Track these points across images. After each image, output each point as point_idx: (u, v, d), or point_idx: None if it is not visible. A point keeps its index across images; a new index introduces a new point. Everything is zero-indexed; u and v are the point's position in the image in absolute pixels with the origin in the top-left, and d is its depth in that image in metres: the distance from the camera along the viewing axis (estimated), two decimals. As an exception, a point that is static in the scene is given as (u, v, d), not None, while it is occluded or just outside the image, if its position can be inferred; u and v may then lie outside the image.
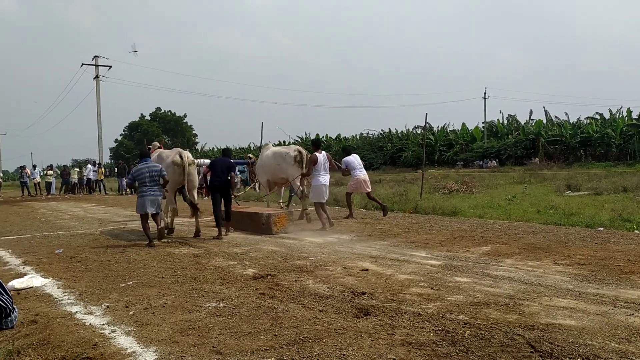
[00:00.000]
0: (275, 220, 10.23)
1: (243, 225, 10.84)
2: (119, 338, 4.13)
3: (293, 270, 6.48)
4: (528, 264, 6.51)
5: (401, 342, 3.83)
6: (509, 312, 4.47)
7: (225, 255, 7.72)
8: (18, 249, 9.02)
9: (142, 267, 6.99)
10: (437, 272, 6.17)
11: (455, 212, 12.48)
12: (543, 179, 23.31)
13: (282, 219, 10.41)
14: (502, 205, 13.32)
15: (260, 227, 10.36)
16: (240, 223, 10.84)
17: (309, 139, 62.69)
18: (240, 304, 4.98)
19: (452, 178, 24.68)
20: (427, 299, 4.96)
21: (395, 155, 50.72)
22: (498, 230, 9.42)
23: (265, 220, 10.30)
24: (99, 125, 37.11)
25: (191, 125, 79.42)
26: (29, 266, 7.39)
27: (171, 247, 8.63)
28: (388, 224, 10.81)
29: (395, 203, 14.68)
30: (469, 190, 18.39)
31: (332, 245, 8.39)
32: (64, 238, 10.33)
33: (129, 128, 76.73)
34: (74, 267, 7.21)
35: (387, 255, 7.31)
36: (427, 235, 9.18)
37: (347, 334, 4.03)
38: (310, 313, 4.61)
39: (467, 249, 7.72)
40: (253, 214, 10.87)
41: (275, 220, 10.24)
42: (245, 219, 10.94)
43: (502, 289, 5.30)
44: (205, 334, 4.12)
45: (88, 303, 5.24)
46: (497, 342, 3.75)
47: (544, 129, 43.40)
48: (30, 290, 5.94)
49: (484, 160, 44.09)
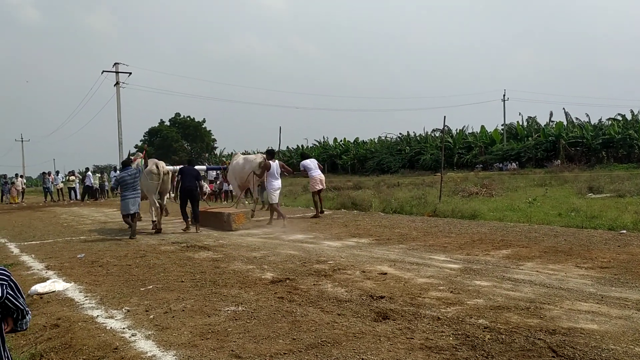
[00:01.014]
0: (234, 218, 11.78)
1: (209, 223, 12.36)
2: (139, 342, 4.17)
3: (311, 274, 6.48)
4: (549, 268, 6.43)
5: (420, 346, 3.80)
6: (530, 316, 4.41)
7: (244, 259, 7.75)
8: (41, 254, 9.16)
9: (162, 271, 7.05)
10: (457, 275, 6.12)
11: (474, 215, 12.38)
12: (564, 182, 23.02)
13: (240, 218, 11.98)
14: (522, 208, 13.17)
15: (222, 224, 11.92)
16: (207, 221, 12.35)
17: (327, 142, 62.84)
18: (259, 307, 4.99)
19: (472, 181, 24.51)
20: (447, 303, 4.92)
21: (413, 158, 50.57)
22: (518, 234, 9.32)
23: (226, 219, 11.87)
24: (119, 131, 37.52)
25: (210, 130, 79.96)
26: (52, 271, 7.50)
27: (190, 251, 8.69)
28: (407, 228, 10.76)
29: (413, 206, 14.61)
30: (489, 193, 18.23)
31: (350, 249, 8.37)
32: (86, 243, 10.47)
33: (149, 133, 77.50)
34: (95, 271, 7.29)
35: (405, 259, 7.27)
36: (446, 238, 9.12)
37: (366, 338, 4.02)
38: (329, 317, 4.60)
39: (487, 252, 7.65)
40: (217, 213, 12.54)
41: (234, 218, 11.80)
42: (211, 218, 12.54)
43: (523, 292, 5.24)
44: (224, 338, 4.14)
45: (109, 307, 5.30)
46: (518, 347, 3.71)
47: (565, 130, 42.92)
48: (52, 294, 6.03)
49: (503, 162, 43.72)
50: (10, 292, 2.22)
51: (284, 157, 59.79)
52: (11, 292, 2.22)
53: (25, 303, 2.31)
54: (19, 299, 2.26)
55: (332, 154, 59.33)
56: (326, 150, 60.58)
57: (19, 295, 2.26)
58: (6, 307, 2.22)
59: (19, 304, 2.25)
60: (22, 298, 2.28)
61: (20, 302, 2.26)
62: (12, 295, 2.22)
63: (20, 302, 2.26)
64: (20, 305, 2.26)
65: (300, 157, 16.48)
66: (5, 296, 2.19)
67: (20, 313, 2.27)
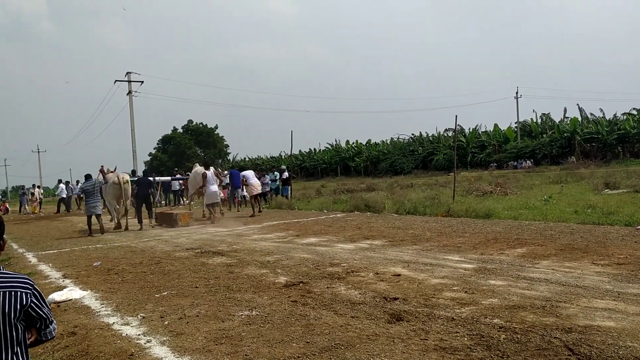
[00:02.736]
0: (179, 217, 15.24)
1: (163, 222, 15.74)
2: (154, 348, 4.20)
3: (325, 277, 6.48)
4: (565, 265, 6.36)
5: (435, 347, 3.79)
6: (545, 315, 4.37)
7: (257, 263, 7.77)
8: (58, 263, 9.26)
9: (176, 277, 7.09)
10: (471, 275, 6.08)
11: (489, 214, 12.30)
12: (580, 178, 22.80)
13: (185, 217, 15.41)
14: (537, 206, 13.07)
15: (171, 222, 15.19)
16: (162, 220, 15.91)
17: (339, 145, 62.81)
18: (273, 312, 5.00)
19: (486, 180, 24.35)
20: (461, 303, 4.89)
21: (426, 159, 50.37)
22: (534, 232, 9.24)
23: (174, 217, 15.27)
24: (133, 140, 37.83)
25: (222, 136, 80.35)
26: (69, 279, 7.58)
27: (204, 257, 8.73)
28: (420, 229, 10.72)
29: (427, 207, 14.55)
30: (503, 192, 18.10)
31: (364, 251, 8.36)
32: (102, 251, 10.56)
33: (162, 141, 78.04)
34: (111, 279, 7.36)
35: (419, 260, 7.24)
36: (460, 238, 9.06)
37: (380, 339, 4.01)
38: (343, 320, 4.60)
39: (502, 251, 7.59)
40: (168, 214, 16.16)
41: (180, 217, 15.26)
42: (165, 217, 15.95)
43: (539, 291, 5.19)
44: (239, 343, 4.15)
45: (125, 314, 5.35)
46: (534, 346, 3.67)
47: (580, 126, 42.51)
48: (69, 302, 6.10)
49: (518, 160, 43.39)
50: (35, 300, 2.24)
51: (297, 161, 59.90)
52: (35, 300, 2.25)
53: (50, 312, 2.34)
54: (43, 308, 2.28)
55: (344, 156, 59.28)
56: (338, 153, 60.57)
57: (43, 305, 2.28)
58: (30, 316, 2.24)
59: (42, 313, 2.27)
60: (46, 307, 2.30)
61: (44, 312, 2.28)
62: (35, 304, 2.24)
63: (44, 312, 2.28)
64: (43, 315, 2.28)
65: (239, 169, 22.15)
66: (29, 304, 2.21)
67: (44, 322, 2.29)
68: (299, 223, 13.53)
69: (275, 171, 25.27)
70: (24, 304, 2.19)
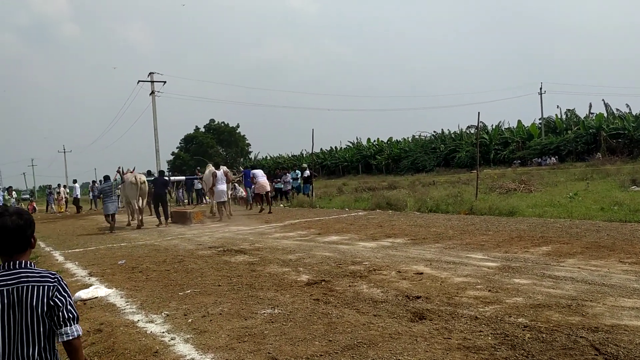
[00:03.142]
0: (193, 215, 16.32)
1: (178, 220, 16.49)
2: (178, 345, 4.25)
3: (347, 275, 6.48)
4: (591, 264, 6.26)
5: (458, 346, 3.75)
6: (571, 314, 4.31)
7: (279, 262, 7.80)
8: (84, 261, 9.42)
9: (199, 275, 7.15)
10: (495, 274, 6.02)
11: (512, 212, 12.15)
12: (606, 175, 22.38)
13: (198, 215, 16.72)
14: (562, 204, 12.86)
15: (186, 220, 15.98)
16: (177, 218, 16.67)
17: (360, 143, 62.67)
18: (295, 310, 5.01)
19: (509, 177, 24.06)
20: (485, 302, 4.84)
21: (448, 156, 49.97)
22: (559, 230, 9.10)
23: (188, 216, 16.22)
24: (156, 139, 38.19)
25: (244, 135, 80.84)
26: (94, 277, 7.70)
27: (227, 255, 8.79)
28: (442, 227, 10.64)
29: (449, 205, 14.44)
30: (527, 189, 17.88)
31: (386, 249, 8.33)
32: (126, 249, 10.71)
33: (184, 140, 78.84)
34: (136, 277, 7.45)
35: (442, 258, 7.19)
36: (484, 236, 8.97)
37: (402, 338, 3.99)
38: (365, 318, 4.59)
39: (526, 249, 7.50)
40: (182, 212, 17.27)
41: (193, 215, 16.36)
42: (179, 215, 16.86)
43: (564, 290, 5.11)
44: (261, 340, 4.17)
45: (149, 312, 5.41)
46: (559, 345, 3.62)
47: (605, 122, 41.74)
48: (95, 300, 6.20)
49: (542, 157, 42.76)
50: (57, 294, 2.27)
51: (318, 159, 59.94)
52: (58, 294, 2.27)
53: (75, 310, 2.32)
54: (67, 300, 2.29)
55: (366, 154, 59.13)
56: (360, 151, 60.43)
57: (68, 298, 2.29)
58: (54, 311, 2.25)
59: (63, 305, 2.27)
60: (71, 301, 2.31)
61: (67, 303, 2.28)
62: (58, 297, 2.26)
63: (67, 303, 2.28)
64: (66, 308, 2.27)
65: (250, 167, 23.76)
66: (53, 297, 2.24)
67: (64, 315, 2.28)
68: (320, 221, 13.55)
69: (296, 170, 25.34)
70: (50, 296, 2.23)
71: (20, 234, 2.31)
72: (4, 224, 2.28)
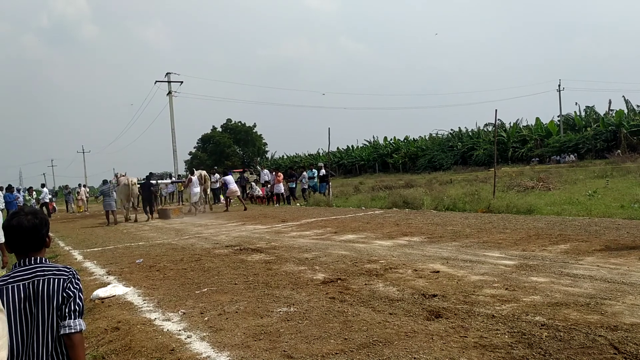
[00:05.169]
0: (172, 212, 20.33)
1: (161, 215, 20.16)
2: (194, 343, 4.27)
3: (363, 273, 6.46)
4: (610, 262, 6.17)
5: (474, 344, 3.73)
6: (589, 312, 4.25)
7: (295, 260, 7.81)
8: (102, 260, 9.52)
9: (215, 274, 7.19)
10: (512, 272, 5.96)
11: (530, 210, 12.03)
12: (626, 172, 22.05)
13: (176, 211, 20.83)
14: (581, 201, 12.71)
15: (167, 216, 19.70)
16: (161, 215, 20.29)
17: (377, 142, 62.51)
18: (311, 308, 5.02)
19: (527, 175, 23.83)
20: (502, 300, 4.80)
21: (466, 154, 49.61)
22: (577, 228, 8.99)
23: (168, 212, 20.11)
24: (173, 139, 38.52)
25: (261, 135, 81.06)
26: (112, 276, 7.78)
27: (243, 254, 8.83)
28: (459, 225, 10.57)
29: (466, 203, 14.35)
30: (546, 187, 17.69)
31: (402, 247, 8.30)
32: (144, 248, 10.81)
33: (201, 140, 79.27)
34: (153, 275, 7.52)
35: (458, 257, 7.14)
36: (501, 234, 8.89)
37: (418, 337, 3.97)
38: (381, 316, 4.58)
39: (544, 247, 7.41)
40: (164, 209, 21.11)
41: (172, 212, 20.40)
42: (162, 212, 20.55)
43: (583, 288, 5.05)
44: (277, 339, 4.18)
45: (166, 310, 5.46)
46: (577, 344, 3.58)
47: (626, 119, 41.11)
48: (113, 298, 6.26)
49: (561, 155, 42.25)
50: (71, 285, 2.31)
51: (334, 158, 59.90)
52: (71, 285, 2.31)
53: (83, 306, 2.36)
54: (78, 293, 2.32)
55: (382, 153, 58.95)
56: (376, 150, 60.26)
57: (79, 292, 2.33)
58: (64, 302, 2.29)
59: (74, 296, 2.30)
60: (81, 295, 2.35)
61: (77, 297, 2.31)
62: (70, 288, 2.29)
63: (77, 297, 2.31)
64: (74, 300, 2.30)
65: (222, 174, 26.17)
66: (66, 288, 2.28)
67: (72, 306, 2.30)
68: (336, 220, 13.54)
69: (313, 169, 25.37)
70: (64, 287, 2.27)
71: (35, 233, 2.36)
72: (20, 223, 2.33)
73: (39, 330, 2.24)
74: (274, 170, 26.16)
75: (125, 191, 19.61)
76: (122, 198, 20.10)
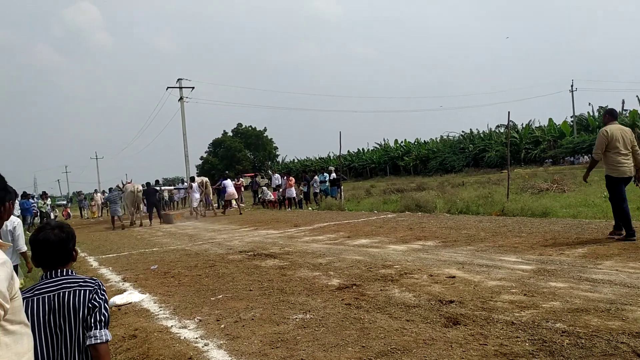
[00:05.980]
0: (175, 217, 21.72)
1: (166, 220, 21.54)
2: (211, 351, 4.26)
3: (378, 279, 6.43)
4: (630, 266, 6.08)
5: (495, 352, 3.68)
6: (611, 319, 4.18)
7: (309, 266, 7.79)
8: (117, 266, 9.57)
9: (230, 280, 7.19)
10: (530, 277, 5.89)
11: (546, 212, 11.91)
12: (642, 173, 21.73)
13: (178, 216, 22.16)
14: (598, 204, 12.57)
15: (171, 220, 21.05)
16: (165, 219, 21.69)
17: (387, 144, 62.41)
18: (327, 315, 4.99)
19: (541, 177, 23.63)
20: (520, 307, 4.74)
21: (478, 156, 49.35)
22: (594, 231, 8.88)
23: (171, 217, 21.67)
24: (185, 144, 38.64)
25: (271, 139, 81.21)
26: (128, 282, 7.81)
27: (257, 260, 8.82)
28: (474, 228, 10.49)
29: (480, 206, 14.25)
30: (560, 189, 17.53)
31: (416, 252, 8.25)
32: (158, 254, 10.85)
33: (212, 145, 79.55)
34: (168, 282, 7.53)
35: (474, 261, 7.08)
36: (517, 238, 8.81)
37: (437, 344, 3.93)
38: (398, 323, 4.54)
39: (561, 251, 7.33)
40: (167, 214, 22.79)
41: (175, 216, 21.81)
42: (166, 217, 21.98)
43: (602, 293, 4.97)
44: (294, 346, 4.16)
45: (182, 317, 5.46)
46: (599, 351, 3.52)
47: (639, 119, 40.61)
48: (129, 305, 6.28)
49: (575, 156, 41.91)
50: (96, 296, 2.31)
51: (345, 162, 59.84)
52: (97, 296, 2.31)
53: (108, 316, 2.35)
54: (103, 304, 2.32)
55: (393, 155, 58.81)
56: (387, 153, 60.13)
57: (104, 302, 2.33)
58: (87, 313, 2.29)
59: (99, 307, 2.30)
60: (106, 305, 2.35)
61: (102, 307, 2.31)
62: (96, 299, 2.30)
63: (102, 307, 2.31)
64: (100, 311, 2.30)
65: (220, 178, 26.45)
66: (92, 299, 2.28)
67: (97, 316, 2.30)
68: (349, 224, 13.50)
69: (324, 172, 25.35)
70: (90, 298, 2.28)
71: (62, 247, 2.37)
72: (47, 238, 2.34)
73: (65, 342, 2.25)
74: (285, 175, 26.18)
75: (130, 197, 21.28)
76: (128, 204, 21.88)
